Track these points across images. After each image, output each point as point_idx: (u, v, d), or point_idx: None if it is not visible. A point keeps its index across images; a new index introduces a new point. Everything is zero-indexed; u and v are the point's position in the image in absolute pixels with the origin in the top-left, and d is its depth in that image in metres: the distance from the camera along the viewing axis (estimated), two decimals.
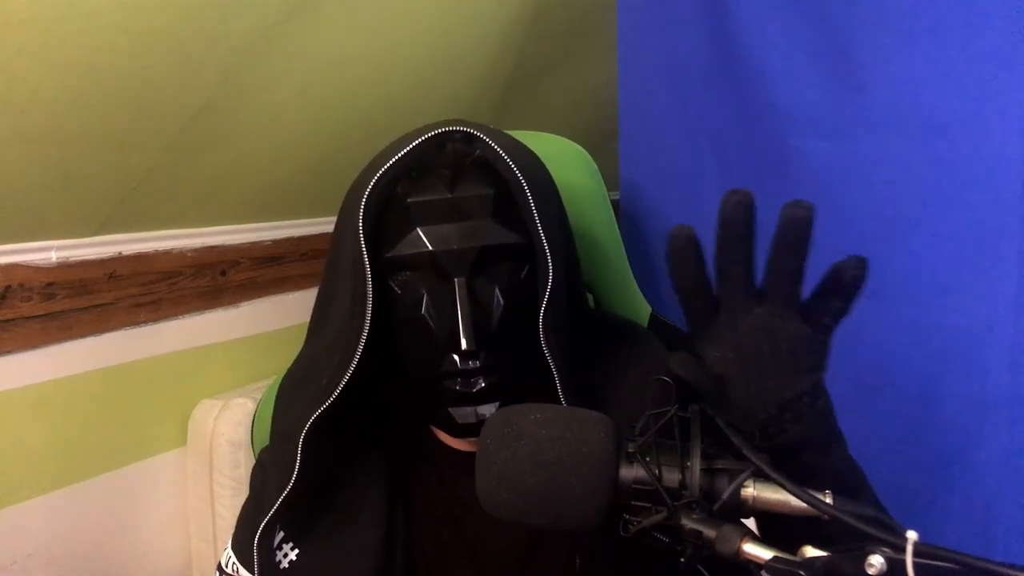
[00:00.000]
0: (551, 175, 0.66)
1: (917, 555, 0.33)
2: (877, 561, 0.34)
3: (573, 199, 0.69)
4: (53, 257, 0.96)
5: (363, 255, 0.57)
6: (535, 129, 0.89)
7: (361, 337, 0.57)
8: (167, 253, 1.10)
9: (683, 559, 0.41)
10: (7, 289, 0.92)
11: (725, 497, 0.40)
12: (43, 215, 0.92)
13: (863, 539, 0.35)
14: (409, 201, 0.58)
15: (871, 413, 0.82)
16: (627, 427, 0.46)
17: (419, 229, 0.57)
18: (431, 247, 0.57)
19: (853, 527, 0.36)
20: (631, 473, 0.42)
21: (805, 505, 0.38)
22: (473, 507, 0.47)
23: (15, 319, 0.93)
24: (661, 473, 0.42)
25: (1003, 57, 0.70)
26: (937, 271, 0.76)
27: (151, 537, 1.14)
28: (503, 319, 0.58)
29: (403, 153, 0.58)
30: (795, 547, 0.37)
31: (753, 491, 0.40)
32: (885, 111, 0.79)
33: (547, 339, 0.57)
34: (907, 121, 0.77)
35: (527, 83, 1.38)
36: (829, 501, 0.38)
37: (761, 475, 0.40)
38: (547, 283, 0.57)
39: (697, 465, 0.41)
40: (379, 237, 0.59)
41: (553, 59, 1.37)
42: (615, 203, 0.96)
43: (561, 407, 0.47)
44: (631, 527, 0.42)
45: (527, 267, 0.60)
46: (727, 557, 0.38)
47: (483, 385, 0.57)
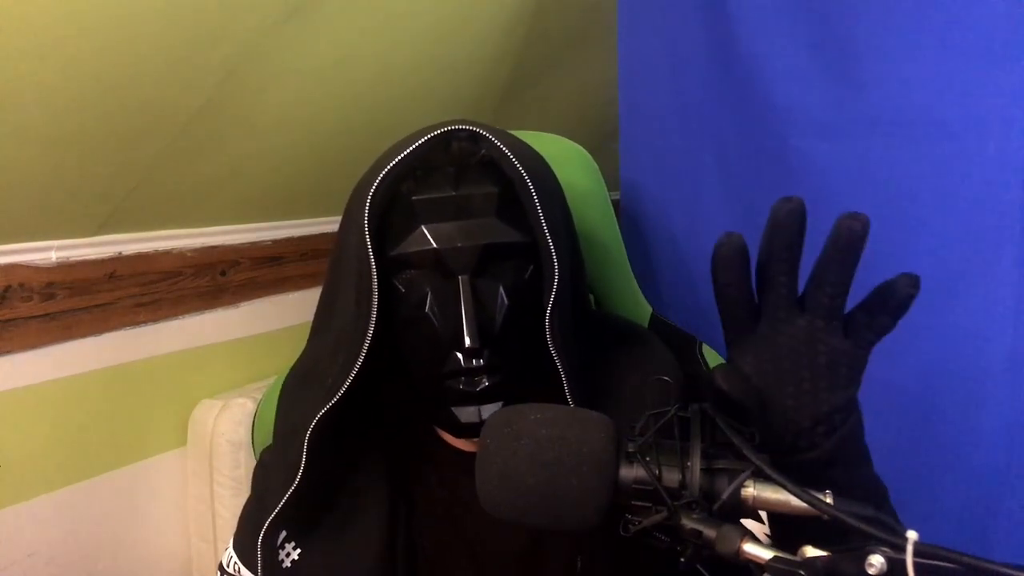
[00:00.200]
0: (556, 176, 0.66)
1: (917, 555, 0.33)
2: (877, 561, 0.34)
3: (574, 199, 0.69)
4: (53, 257, 0.96)
5: (368, 253, 0.56)
6: (535, 129, 0.89)
7: (366, 336, 0.57)
8: (167, 253, 1.10)
9: (683, 559, 0.41)
10: (7, 289, 0.92)
11: (725, 497, 0.40)
12: (43, 215, 0.91)
13: (864, 539, 0.35)
14: (414, 199, 0.58)
15: (870, 413, 0.81)
16: (627, 427, 0.46)
17: (423, 227, 0.57)
18: (435, 245, 0.57)
19: (853, 527, 0.36)
20: (631, 473, 0.42)
21: (805, 505, 0.38)
22: (473, 507, 0.47)
23: (15, 319, 0.93)
24: (661, 473, 0.42)
25: (1003, 57, 0.70)
26: (937, 271, 0.76)
27: (151, 537, 1.14)
28: (507, 318, 0.58)
29: (408, 152, 0.58)
30: (797, 547, 0.37)
31: (753, 491, 0.40)
32: (885, 111, 0.79)
33: (553, 339, 0.57)
34: (907, 121, 0.77)
35: (527, 83, 1.38)
36: (829, 501, 0.38)
37: (761, 475, 0.40)
38: (553, 283, 0.57)
39: (697, 465, 0.41)
40: (384, 236, 0.59)
41: (553, 59, 1.37)
42: (615, 203, 0.96)
43: (561, 407, 0.46)
44: (631, 527, 0.42)
45: (531, 267, 0.60)
46: (727, 557, 0.38)
47: (487, 384, 0.57)
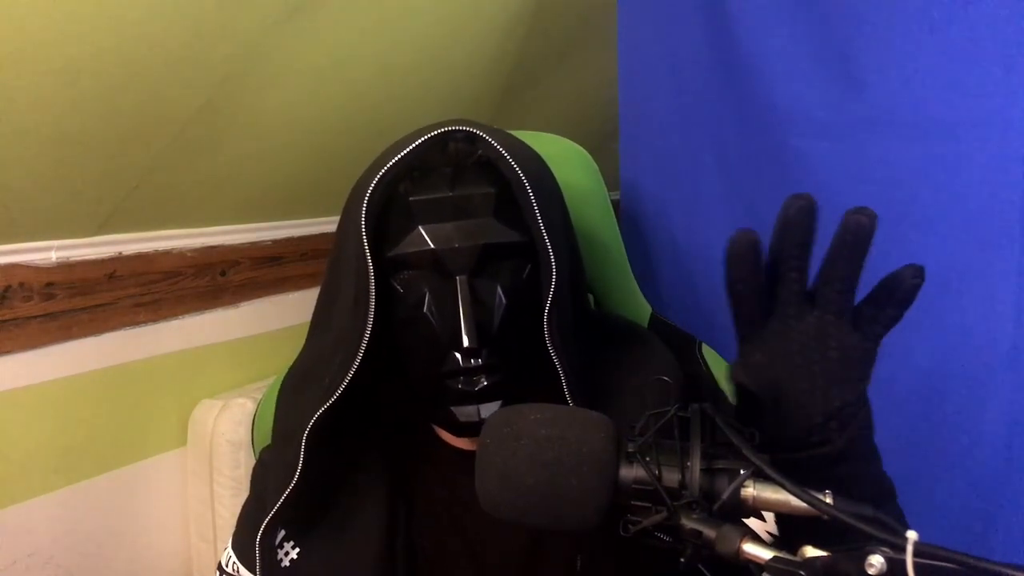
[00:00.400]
0: (554, 176, 0.65)
1: (917, 555, 0.33)
2: (877, 561, 0.34)
3: (573, 199, 0.69)
4: (53, 257, 0.96)
5: (366, 254, 0.57)
6: (535, 129, 0.89)
7: (364, 336, 0.57)
8: (167, 253, 1.10)
9: (683, 559, 0.41)
10: (7, 289, 0.92)
11: (725, 497, 0.40)
12: (43, 215, 0.91)
13: (865, 539, 0.35)
14: (411, 200, 0.58)
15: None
16: (627, 427, 0.46)
17: (421, 227, 0.57)
18: (433, 245, 0.57)
19: (853, 526, 0.36)
20: (631, 473, 0.42)
21: (805, 505, 0.38)
22: (473, 507, 0.47)
23: (15, 319, 0.93)
24: (661, 473, 0.42)
25: (1003, 57, 0.70)
26: (937, 271, 0.75)
27: (151, 537, 1.14)
28: (505, 317, 0.58)
29: (405, 152, 0.58)
30: (796, 547, 0.37)
31: (753, 491, 0.40)
32: (885, 111, 0.79)
33: (552, 339, 0.57)
34: (907, 121, 0.77)
35: (527, 83, 1.38)
36: (829, 501, 0.38)
37: (761, 475, 0.40)
38: (551, 283, 0.57)
39: (697, 465, 0.41)
40: (381, 236, 0.59)
41: (553, 59, 1.37)
42: (615, 203, 0.96)
43: (561, 407, 0.46)
44: (631, 527, 0.42)
45: (529, 267, 0.60)
46: (727, 557, 0.38)
47: (485, 384, 0.57)
